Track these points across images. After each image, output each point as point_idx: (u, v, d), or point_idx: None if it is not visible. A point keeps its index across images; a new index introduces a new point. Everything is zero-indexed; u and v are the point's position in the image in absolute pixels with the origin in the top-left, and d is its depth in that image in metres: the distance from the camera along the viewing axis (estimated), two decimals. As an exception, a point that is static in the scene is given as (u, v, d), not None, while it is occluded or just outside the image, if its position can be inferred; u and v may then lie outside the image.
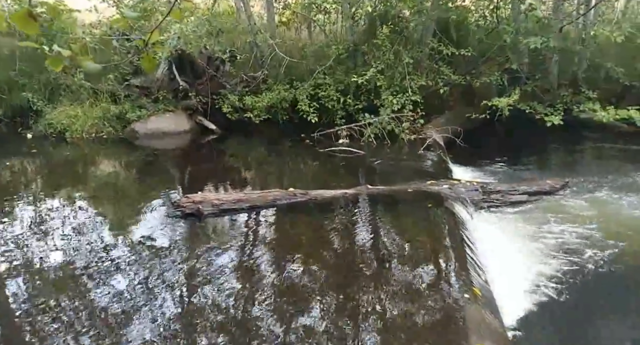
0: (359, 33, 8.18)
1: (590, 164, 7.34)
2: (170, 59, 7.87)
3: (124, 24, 1.45)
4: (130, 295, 2.77)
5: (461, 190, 4.73)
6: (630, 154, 7.20)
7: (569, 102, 7.35)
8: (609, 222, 4.49)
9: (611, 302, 3.42)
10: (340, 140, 7.06)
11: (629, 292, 3.53)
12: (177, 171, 6.52)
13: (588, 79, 8.16)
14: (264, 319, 2.52)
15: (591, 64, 8.27)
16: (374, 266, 3.13)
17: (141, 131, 7.65)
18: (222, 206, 4.14)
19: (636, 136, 6.72)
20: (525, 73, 7.81)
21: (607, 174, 5.98)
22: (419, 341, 2.25)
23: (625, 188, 5.44)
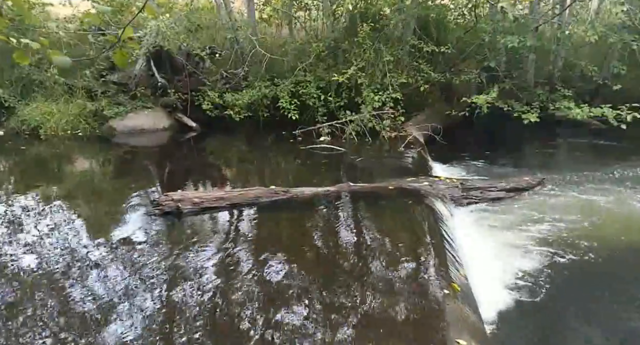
0: (339, 30, 8.18)
1: (565, 159, 7.53)
2: (148, 56, 7.74)
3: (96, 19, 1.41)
4: (108, 294, 2.72)
5: (441, 187, 4.79)
6: (604, 149, 7.41)
7: (545, 100, 7.51)
8: (584, 217, 4.61)
9: (587, 295, 3.50)
10: (322, 138, 7.06)
11: (604, 284, 3.63)
12: (156, 169, 6.42)
13: (563, 77, 8.35)
14: (245, 316, 2.51)
15: (566, 63, 8.47)
16: (355, 263, 3.14)
17: (119, 128, 7.51)
18: (202, 204, 4.09)
19: (609, 133, 6.90)
20: (503, 71, 7.95)
21: (581, 169, 6.14)
22: (398, 337, 2.27)
23: (599, 183, 5.60)
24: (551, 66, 8.50)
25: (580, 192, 5.29)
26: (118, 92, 7.95)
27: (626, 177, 5.82)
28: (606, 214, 4.74)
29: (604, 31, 6.87)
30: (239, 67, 8.18)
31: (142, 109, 7.82)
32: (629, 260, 3.98)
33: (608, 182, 5.64)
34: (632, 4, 6.65)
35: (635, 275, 3.78)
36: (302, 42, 8.74)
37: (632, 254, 4.05)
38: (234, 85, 8.09)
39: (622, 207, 4.90)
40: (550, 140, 8.22)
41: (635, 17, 6.77)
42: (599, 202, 5.02)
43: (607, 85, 7.72)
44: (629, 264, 3.93)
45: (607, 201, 5.05)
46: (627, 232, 4.39)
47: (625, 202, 5.03)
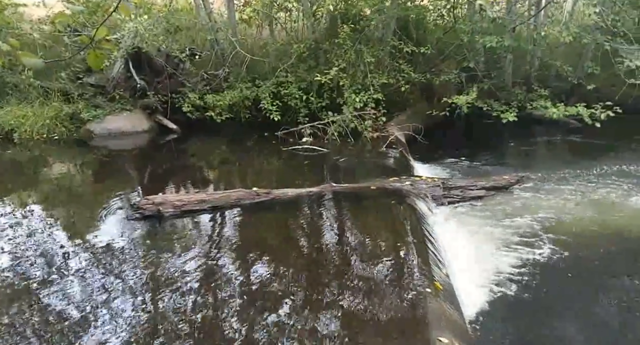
0: (320, 31, 8.19)
1: (543, 158, 7.69)
2: (127, 57, 7.61)
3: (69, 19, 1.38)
4: (88, 301, 2.67)
5: (423, 187, 4.83)
6: (579, 147, 7.59)
7: (522, 100, 7.65)
8: (561, 214, 4.71)
9: (566, 292, 3.57)
10: (304, 139, 7.06)
11: (582, 281, 3.70)
12: (136, 172, 6.32)
13: (540, 77, 8.53)
14: (228, 319, 2.49)
15: (542, 63, 8.65)
16: (338, 263, 3.15)
17: (97, 131, 7.36)
18: (183, 207, 4.05)
19: (584, 131, 7.08)
20: (481, 71, 8.07)
21: (558, 166, 6.27)
22: (382, 336, 2.28)
23: (575, 181, 5.73)
24: (528, 66, 8.67)
25: (557, 190, 5.41)
26: (96, 94, 7.80)
27: (602, 174, 5.97)
28: (582, 210, 4.86)
29: (578, 32, 7.04)
30: (220, 69, 8.12)
31: (120, 111, 7.69)
32: (605, 255, 4.08)
33: (583, 179, 5.78)
34: (604, 6, 6.84)
35: (612, 269, 3.88)
36: (283, 43, 8.72)
37: (609, 250, 4.15)
38: (214, 87, 8.01)
39: (598, 204, 5.02)
40: (528, 139, 8.38)
41: (607, 18, 6.96)
42: (576, 198, 5.14)
43: (581, 85, 7.90)
44: (606, 259, 4.03)
45: (583, 198, 5.17)
46: (603, 227, 4.50)
47: (600, 198, 5.16)
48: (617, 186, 5.52)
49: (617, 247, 4.19)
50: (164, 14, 8.05)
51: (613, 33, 7.15)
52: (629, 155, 6.75)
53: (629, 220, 4.65)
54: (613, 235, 4.37)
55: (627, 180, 5.71)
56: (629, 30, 7.32)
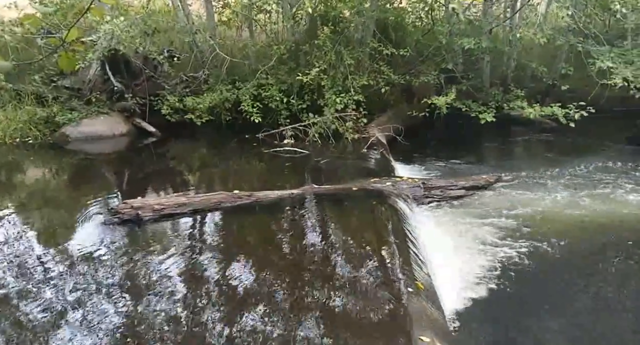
0: (300, 33, 8.19)
1: (520, 157, 7.85)
2: (103, 60, 7.47)
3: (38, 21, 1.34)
4: (65, 308, 2.60)
5: (403, 187, 4.88)
6: (554, 147, 7.78)
7: (500, 100, 7.79)
8: (539, 213, 4.81)
9: (545, 291, 3.64)
10: (285, 141, 7.04)
11: (561, 280, 3.78)
12: (114, 176, 6.20)
13: (516, 78, 8.70)
14: (210, 323, 2.47)
15: (518, 64, 8.83)
16: (321, 264, 3.15)
17: (73, 135, 7.20)
18: (163, 211, 3.99)
19: (559, 131, 7.25)
20: (460, 72, 8.19)
21: (535, 164, 6.42)
22: (364, 336, 2.29)
23: (553, 179, 5.86)
24: (505, 67, 8.83)
25: (535, 188, 5.52)
26: (71, 97, 7.63)
27: (577, 172, 6.12)
28: (557, 208, 4.97)
29: (552, 34, 7.21)
30: (199, 71, 8.04)
31: (97, 114, 7.54)
32: (582, 252, 4.18)
33: (559, 177, 5.92)
34: (577, 8, 7.02)
35: (588, 266, 3.97)
36: (262, 44, 8.69)
37: (584, 246, 4.26)
38: (194, 89, 7.93)
39: (574, 202, 5.14)
40: (506, 139, 8.55)
41: (580, 20, 7.16)
42: (554, 197, 5.26)
43: (556, 85, 8.10)
44: (582, 256, 4.12)
45: (559, 195, 5.30)
46: (580, 224, 4.62)
47: (575, 196, 5.28)
48: (591, 183, 5.67)
49: (595, 242, 4.31)
50: (141, 15, 7.93)
51: (585, 35, 7.35)
52: (603, 154, 6.94)
53: (606, 216, 4.78)
54: (590, 231, 4.48)
55: (602, 178, 5.88)
56: (600, 32, 7.54)
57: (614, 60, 6.41)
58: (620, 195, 5.27)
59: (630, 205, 5.02)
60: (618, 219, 4.70)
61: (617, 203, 5.07)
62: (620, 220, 4.68)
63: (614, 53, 6.67)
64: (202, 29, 8.17)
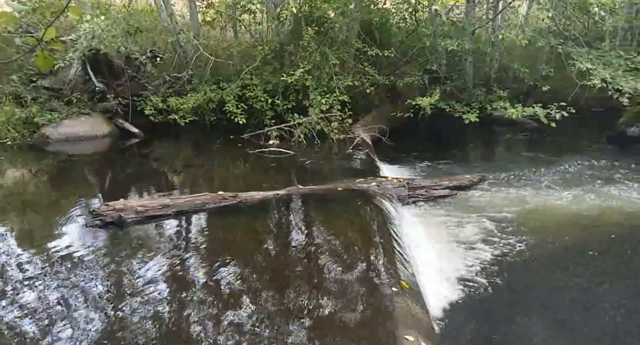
0: (285, 33, 8.18)
1: (503, 157, 7.96)
2: (84, 59, 7.35)
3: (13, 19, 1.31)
4: (46, 312, 2.54)
5: (388, 187, 4.90)
6: (537, 146, 7.91)
7: (483, 101, 7.90)
8: (522, 211, 4.88)
9: (529, 288, 3.68)
10: (270, 141, 7.02)
11: (545, 276, 3.83)
12: (96, 178, 6.10)
13: (499, 79, 8.83)
14: (195, 325, 2.44)
15: (501, 65, 8.96)
16: (306, 265, 3.14)
17: (53, 136, 7.06)
18: (146, 213, 3.93)
19: (541, 130, 7.37)
20: (443, 73, 8.27)
21: (518, 165, 6.52)
22: (349, 337, 2.29)
23: (536, 178, 5.96)
24: (488, 68, 8.95)
25: (519, 186, 5.61)
26: (51, 97, 7.48)
27: (559, 172, 6.23)
28: (540, 206, 5.06)
29: (533, 35, 7.34)
30: (183, 71, 7.96)
31: (78, 115, 7.40)
32: (566, 248, 4.25)
33: (543, 176, 6.03)
34: (557, 10, 7.15)
35: (572, 263, 4.04)
36: (247, 45, 8.65)
37: (569, 243, 4.33)
38: (178, 90, 7.85)
39: (557, 199, 5.24)
40: (489, 139, 8.68)
41: (560, 22, 7.29)
42: (537, 195, 5.35)
43: (537, 86, 8.24)
44: (565, 252, 4.19)
45: (543, 194, 5.39)
46: (564, 221, 4.70)
47: (558, 194, 5.38)
48: (574, 182, 5.79)
49: (578, 238, 4.38)
50: (122, 14, 7.81)
51: (565, 36, 7.50)
52: (584, 153, 7.08)
53: (589, 213, 4.88)
54: (574, 227, 4.57)
55: (584, 176, 6.01)
56: (579, 34, 7.70)
57: (593, 62, 6.55)
58: (602, 193, 5.38)
59: (611, 201, 5.13)
60: (600, 216, 4.81)
61: (599, 200, 5.17)
62: (602, 217, 4.78)
63: (592, 55, 6.82)
64: (185, 29, 8.09)
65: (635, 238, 4.46)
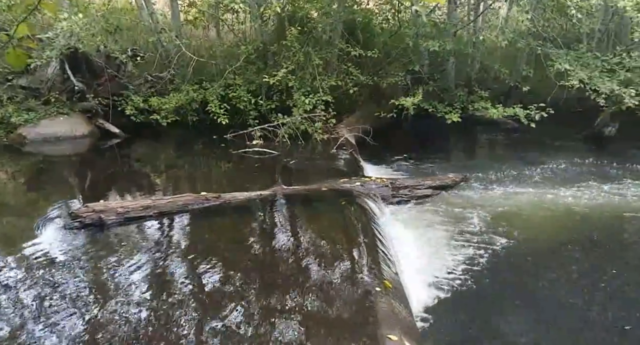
0: (268, 33, 8.14)
1: (485, 156, 8.08)
2: (62, 58, 7.20)
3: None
4: (22, 317, 2.48)
5: (372, 187, 4.92)
6: (517, 146, 8.04)
7: (465, 101, 7.99)
8: (503, 210, 4.95)
9: (510, 287, 3.73)
10: (254, 141, 6.98)
11: (526, 276, 3.88)
12: (75, 179, 5.99)
13: (480, 79, 8.94)
14: (177, 328, 2.40)
15: (482, 66, 9.08)
16: (290, 265, 3.13)
17: (30, 136, 6.90)
18: (127, 214, 3.87)
19: (521, 130, 7.48)
20: (426, 74, 8.35)
21: (499, 164, 6.62)
22: (333, 336, 2.30)
23: (516, 177, 6.07)
24: (469, 69, 9.06)
25: (500, 185, 5.70)
26: (28, 97, 7.32)
27: (538, 171, 6.35)
28: (521, 205, 5.14)
29: (513, 37, 7.46)
30: (165, 71, 7.87)
31: (57, 115, 7.26)
32: (545, 247, 4.32)
33: (523, 175, 6.14)
34: (535, 12, 7.29)
35: (552, 261, 4.10)
36: (230, 44, 8.58)
37: (549, 241, 4.41)
38: (159, 89, 7.76)
39: (538, 198, 5.33)
40: (471, 138, 8.79)
41: (539, 24, 7.43)
42: (518, 194, 5.44)
43: (517, 87, 8.37)
44: (545, 251, 4.27)
45: (524, 192, 5.48)
46: (544, 220, 4.79)
47: (538, 193, 5.48)
48: (553, 180, 5.90)
49: (557, 237, 4.47)
50: (102, 13, 7.67)
51: (544, 38, 7.64)
52: (563, 152, 7.23)
53: (568, 212, 4.98)
54: (553, 226, 4.65)
55: (563, 175, 6.14)
56: (557, 35, 7.86)
57: (571, 63, 6.68)
58: (580, 191, 5.50)
59: (589, 200, 5.25)
60: (579, 214, 4.91)
61: (577, 198, 5.29)
62: (580, 215, 4.89)
63: (570, 56, 6.96)
64: (167, 28, 7.99)
65: (613, 234, 4.57)
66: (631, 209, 5.02)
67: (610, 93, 6.36)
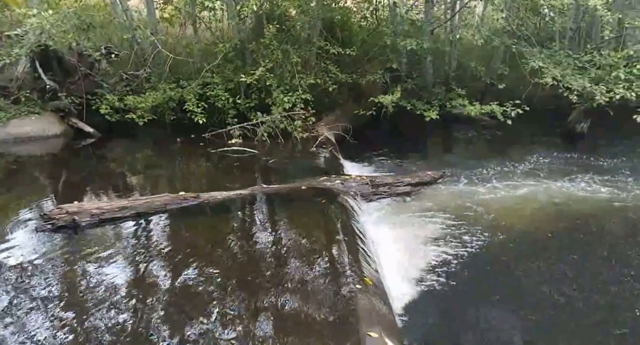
0: (246, 31, 8.06)
1: (463, 153, 8.18)
2: (32, 56, 6.98)
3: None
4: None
5: (352, 185, 4.94)
6: (494, 142, 8.19)
7: (443, 99, 8.07)
8: (481, 206, 5.03)
9: (488, 282, 3.78)
10: (233, 140, 6.91)
11: (504, 272, 3.94)
12: (48, 180, 5.82)
13: (457, 77, 9.04)
14: (156, 329, 2.36)
15: (459, 64, 9.18)
16: (271, 264, 3.12)
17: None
18: (103, 215, 3.79)
19: (498, 127, 7.61)
20: (404, 72, 8.40)
21: (477, 161, 6.72)
22: (314, 335, 2.29)
23: (494, 173, 6.17)
24: (447, 67, 9.16)
25: (478, 182, 5.79)
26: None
27: (515, 167, 6.47)
28: (498, 200, 5.23)
29: (489, 35, 7.56)
30: (141, 69, 7.71)
31: (28, 114, 7.05)
32: (520, 241, 4.40)
33: (501, 171, 6.25)
34: (510, 11, 7.41)
35: (529, 256, 4.18)
36: (207, 42, 8.47)
37: (523, 236, 4.49)
38: (135, 88, 7.60)
39: (514, 194, 5.43)
40: (449, 136, 8.90)
41: (513, 22, 7.56)
42: (496, 190, 5.53)
43: (494, 85, 8.50)
44: (521, 245, 4.35)
45: (501, 188, 5.58)
46: (520, 216, 4.88)
47: (515, 188, 5.59)
48: (530, 176, 6.03)
49: (534, 233, 4.55)
50: (73, 9, 7.46)
51: (518, 36, 7.77)
52: (539, 148, 7.39)
53: (543, 207, 5.09)
54: (529, 222, 4.74)
55: (539, 171, 6.28)
56: (531, 34, 8.01)
57: (545, 61, 6.81)
58: (556, 187, 5.64)
59: (564, 195, 5.38)
60: (554, 210, 5.02)
61: (553, 194, 5.41)
62: (556, 211, 5.00)
63: (544, 54, 7.10)
64: (142, 26, 7.82)
65: (586, 228, 4.69)
66: (601, 201, 5.19)
67: (582, 90, 6.51)
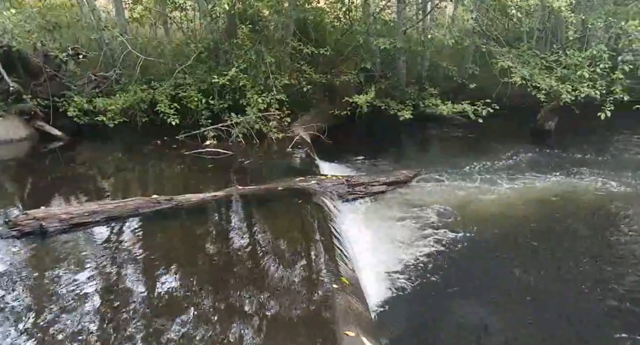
0: (218, 31, 7.97)
1: (436, 151, 8.32)
2: (-6, 57, 6.72)
3: None
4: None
5: (328, 185, 4.94)
6: (467, 140, 8.35)
7: (416, 98, 8.18)
8: (455, 203, 5.11)
9: (463, 279, 3.83)
10: (207, 142, 6.81)
11: (480, 270, 4.00)
12: (13, 185, 5.62)
13: (430, 77, 9.19)
14: (133, 337, 2.30)
15: (432, 64, 9.33)
16: (248, 266, 3.09)
17: (-40, 141, 6.40)
18: (72, 220, 3.67)
19: (470, 126, 7.76)
20: (378, 72, 8.48)
21: (450, 159, 6.84)
22: (291, 335, 2.28)
23: (467, 171, 6.29)
24: (419, 67, 9.29)
25: (452, 179, 5.89)
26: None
27: (488, 164, 6.61)
28: (473, 198, 5.34)
29: (460, 35, 7.70)
30: (110, 70, 7.52)
31: (-10, 117, 6.77)
32: (495, 238, 4.50)
33: (474, 169, 6.38)
34: (480, 12, 7.57)
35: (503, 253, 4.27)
36: (179, 43, 8.33)
37: (498, 233, 4.59)
38: (105, 90, 7.40)
39: (488, 191, 5.55)
40: (423, 134, 9.02)
41: (483, 23, 7.72)
42: (469, 187, 5.64)
43: (465, 84, 8.68)
44: (496, 242, 4.43)
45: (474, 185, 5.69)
46: (493, 212, 4.98)
47: (488, 186, 5.71)
48: (502, 173, 6.18)
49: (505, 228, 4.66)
50: (37, 9, 7.22)
51: (488, 37, 7.95)
52: (510, 145, 7.56)
53: (515, 202, 5.21)
54: (501, 217, 4.85)
55: (511, 167, 6.45)
56: (500, 34, 8.20)
57: (513, 61, 6.99)
58: (527, 183, 5.79)
59: (535, 190, 5.54)
60: (527, 202, 5.18)
61: (524, 190, 5.56)
62: (526, 203, 5.16)
63: (512, 54, 7.28)
64: (111, 26, 7.63)
65: (558, 223, 4.83)
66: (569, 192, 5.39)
67: (549, 89, 6.70)
